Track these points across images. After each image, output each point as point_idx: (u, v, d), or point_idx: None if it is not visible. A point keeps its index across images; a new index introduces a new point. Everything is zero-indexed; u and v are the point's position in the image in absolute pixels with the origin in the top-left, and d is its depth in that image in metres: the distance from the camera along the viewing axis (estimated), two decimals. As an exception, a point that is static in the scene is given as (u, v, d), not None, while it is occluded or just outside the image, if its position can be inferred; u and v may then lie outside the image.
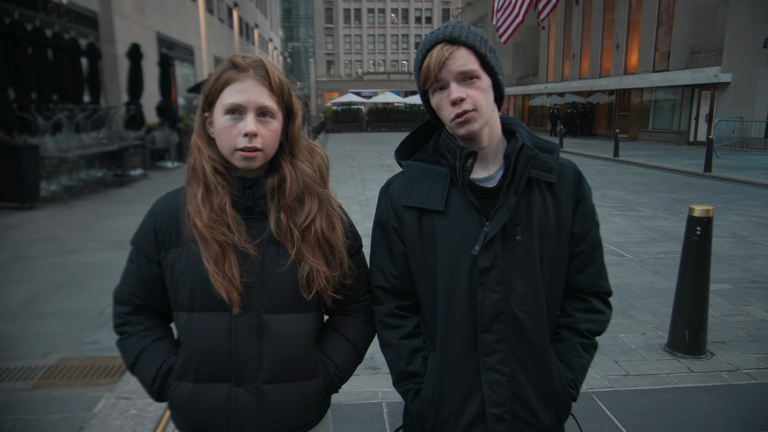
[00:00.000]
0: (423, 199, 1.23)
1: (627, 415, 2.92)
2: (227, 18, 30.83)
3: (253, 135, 1.16)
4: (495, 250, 1.19)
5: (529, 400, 1.22)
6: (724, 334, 3.97)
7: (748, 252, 6.19)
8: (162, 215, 1.26)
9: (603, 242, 1.38)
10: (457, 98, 1.16)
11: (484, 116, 1.18)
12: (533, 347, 1.21)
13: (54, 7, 12.27)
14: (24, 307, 4.41)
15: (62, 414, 2.86)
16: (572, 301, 1.32)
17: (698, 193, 10.69)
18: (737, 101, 19.37)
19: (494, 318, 1.20)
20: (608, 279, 1.35)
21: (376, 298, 1.35)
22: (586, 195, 1.28)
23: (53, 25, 12.00)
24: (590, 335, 1.30)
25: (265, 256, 1.21)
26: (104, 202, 9.39)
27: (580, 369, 1.29)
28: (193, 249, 1.20)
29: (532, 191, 1.21)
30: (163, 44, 18.73)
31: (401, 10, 73.95)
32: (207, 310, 1.20)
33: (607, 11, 27.63)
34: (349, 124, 36.89)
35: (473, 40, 1.17)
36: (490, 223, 1.18)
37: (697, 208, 3.48)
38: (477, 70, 1.16)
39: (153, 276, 1.26)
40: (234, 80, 1.18)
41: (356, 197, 10.41)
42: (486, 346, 1.21)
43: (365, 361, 3.57)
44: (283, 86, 1.22)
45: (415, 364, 1.29)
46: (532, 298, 1.21)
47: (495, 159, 1.25)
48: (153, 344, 1.27)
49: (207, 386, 1.22)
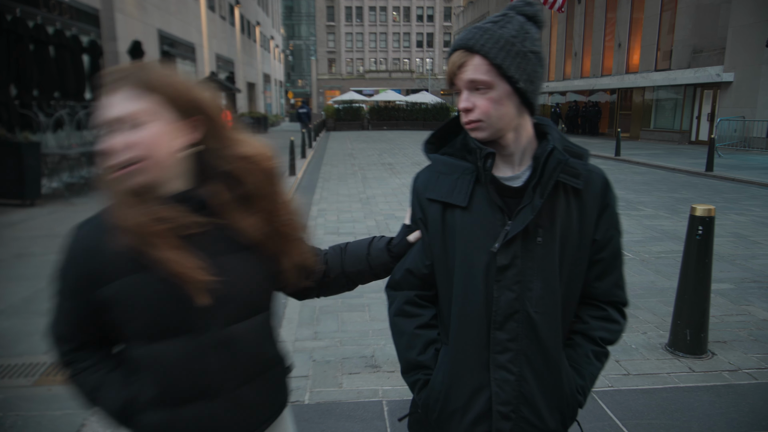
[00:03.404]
0: (447, 194, 1.23)
1: (628, 415, 2.92)
2: (229, 15, 30.81)
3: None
4: (515, 249, 1.18)
5: (536, 401, 1.22)
6: (726, 333, 3.96)
7: (750, 252, 6.18)
8: (86, 250, 1.14)
9: None
10: (463, 108, 1.16)
11: (494, 125, 1.16)
12: (545, 350, 1.21)
13: (56, 4, 12.27)
14: (25, 304, 4.41)
15: (63, 411, 2.86)
16: (588, 308, 1.32)
17: (700, 192, 10.68)
18: (739, 100, 19.33)
19: (508, 317, 1.20)
20: (626, 289, 1.34)
21: (400, 282, 1.35)
22: (612, 203, 1.27)
23: (55, 22, 12.00)
24: (603, 344, 1.30)
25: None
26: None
27: (590, 376, 1.29)
28: (135, 277, 1.10)
29: (558, 194, 1.20)
30: (164, 42, 18.72)
31: (403, 8, 73.85)
32: (167, 338, 1.13)
33: (609, 10, 27.58)
34: (351, 122, 36.86)
35: (490, 48, 1.12)
36: (512, 222, 1.17)
37: (699, 207, 3.48)
38: (488, 80, 1.13)
39: (89, 314, 1.16)
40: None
41: (357, 195, 10.41)
42: (498, 343, 1.21)
43: (365, 359, 3.57)
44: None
45: (426, 356, 1.30)
46: (548, 300, 1.21)
47: (523, 159, 1.23)
48: (109, 376, 1.20)
49: (179, 410, 1.17)
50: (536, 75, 1.17)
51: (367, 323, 4.20)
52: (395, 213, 8.59)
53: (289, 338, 3.95)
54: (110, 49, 14.64)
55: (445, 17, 73.25)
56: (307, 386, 3.25)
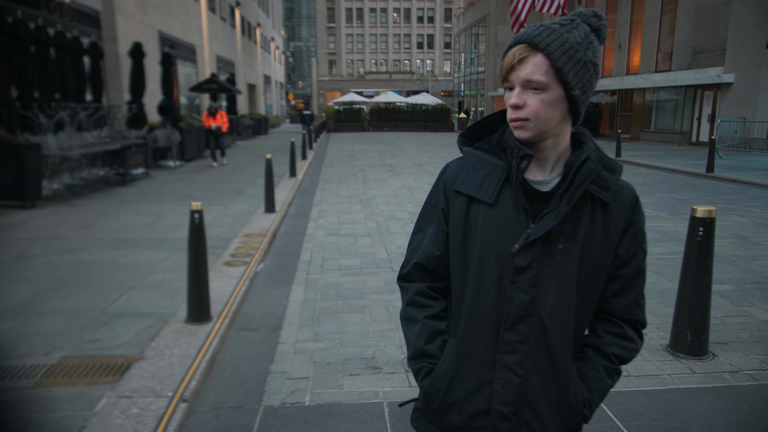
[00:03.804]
0: (475, 188, 1.23)
1: (629, 416, 2.92)
2: (229, 17, 30.83)
3: None
4: (534, 252, 1.18)
5: (539, 407, 1.22)
6: (726, 335, 3.96)
7: (751, 253, 6.17)
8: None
9: None
10: (514, 105, 1.15)
11: (540, 127, 1.15)
12: (554, 357, 1.21)
13: (56, 6, 12.28)
14: (25, 306, 4.41)
15: (63, 413, 2.86)
16: (604, 324, 1.31)
17: (700, 193, 10.67)
18: (740, 102, 19.32)
19: (520, 319, 1.20)
20: (645, 310, 1.33)
21: (411, 274, 1.37)
22: (639, 221, 1.27)
23: (56, 24, 12.01)
24: (616, 360, 1.28)
25: None
26: (106, 201, 9.39)
27: (598, 391, 1.27)
28: None
29: (584, 205, 1.19)
30: (165, 43, 18.74)
31: (403, 10, 73.89)
32: None
33: (609, 11, 27.58)
34: (351, 124, 36.87)
35: (554, 48, 1.11)
36: (535, 225, 1.17)
37: (700, 208, 3.47)
38: (545, 82, 1.12)
39: None
40: None
41: (358, 197, 10.41)
42: (506, 344, 1.21)
43: (366, 361, 3.57)
44: None
45: (433, 345, 1.31)
46: (562, 308, 1.20)
47: (556, 165, 1.22)
48: None
49: None
50: (590, 86, 1.16)
51: (368, 325, 4.20)
52: (396, 214, 8.59)
53: (289, 340, 3.94)
54: (111, 51, 14.66)
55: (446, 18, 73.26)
56: (308, 387, 3.24)
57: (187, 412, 2.96)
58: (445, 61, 73.30)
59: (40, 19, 11.32)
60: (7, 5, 10.15)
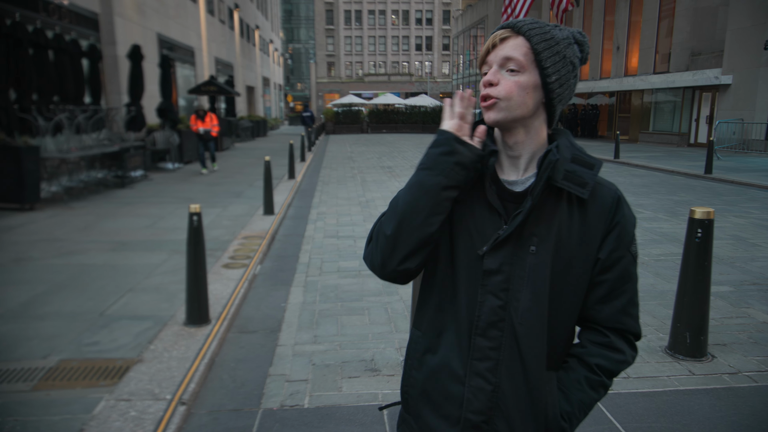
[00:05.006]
0: None
1: (628, 418, 2.92)
2: (228, 19, 30.85)
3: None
4: (504, 254, 1.14)
5: (512, 417, 1.16)
6: (725, 336, 3.96)
7: (749, 254, 6.18)
8: None
9: None
10: (487, 81, 1.13)
11: (510, 110, 1.12)
12: (526, 365, 1.14)
13: (55, 9, 12.28)
14: (24, 308, 4.40)
15: (62, 416, 2.85)
16: (589, 333, 1.23)
17: (699, 195, 10.68)
18: (738, 103, 19.37)
19: (492, 324, 1.15)
20: (638, 319, 1.23)
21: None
22: (623, 223, 1.17)
23: (54, 27, 12.00)
24: (599, 372, 1.19)
25: None
26: (105, 203, 9.38)
27: (578, 404, 1.19)
28: None
29: (560, 204, 1.14)
30: (163, 45, 18.74)
31: (402, 12, 73.97)
32: None
33: (607, 13, 27.65)
34: (350, 126, 36.90)
35: (535, 33, 1.11)
36: (506, 226, 1.14)
37: (698, 210, 3.48)
38: (522, 61, 1.11)
39: None
40: None
41: (357, 198, 10.41)
42: (478, 350, 1.16)
43: (365, 363, 3.56)
44: None
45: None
46: (534, 313, 1.14)
47: (530, 164, 1.18)
48: None
49: None
50: (568, 83, 1.15)
51: (367, 327, 4.20)
52: (394, 216, 8.57)
53: (288, 342, 3.94)
54: (109, 53, 14.65)
55: (444, 20, 73.34)
56: (307, 390, 3.24)
57: (185, 415, 2.95)
58: (443, 63, 73.35)
59: (39, 21, 11.32)
60: (5, 7, 10.15)
